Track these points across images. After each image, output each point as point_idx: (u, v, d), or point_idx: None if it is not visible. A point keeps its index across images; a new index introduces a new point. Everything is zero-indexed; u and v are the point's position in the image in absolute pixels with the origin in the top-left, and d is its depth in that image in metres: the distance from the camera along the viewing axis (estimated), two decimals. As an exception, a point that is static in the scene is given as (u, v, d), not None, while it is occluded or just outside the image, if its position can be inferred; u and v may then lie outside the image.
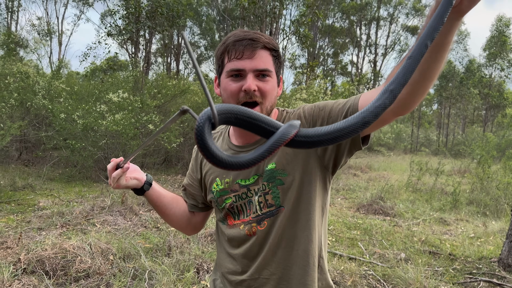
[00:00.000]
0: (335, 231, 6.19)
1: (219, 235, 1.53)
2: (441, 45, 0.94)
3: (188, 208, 1.60)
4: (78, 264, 4.00)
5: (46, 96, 11.17)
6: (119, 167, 1.33)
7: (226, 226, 1.45)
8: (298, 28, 13.30)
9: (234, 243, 1.43)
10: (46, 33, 24.34)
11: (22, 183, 8.08)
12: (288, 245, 1.35)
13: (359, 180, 12.12)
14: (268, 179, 1.33)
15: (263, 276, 1.38)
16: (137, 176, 1.42)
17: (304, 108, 1.36)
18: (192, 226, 1.62)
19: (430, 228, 6.62)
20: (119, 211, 6.13)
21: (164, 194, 1.53)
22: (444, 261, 4.93)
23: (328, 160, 1.32)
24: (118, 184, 1.36)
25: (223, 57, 1.29)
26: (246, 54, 1.24)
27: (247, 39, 1.24)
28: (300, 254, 1.35)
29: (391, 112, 1.10)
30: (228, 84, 1.27)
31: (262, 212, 1.35)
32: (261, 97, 1.26)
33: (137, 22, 12.16)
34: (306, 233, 1.35)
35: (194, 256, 4.37)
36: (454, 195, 8.61)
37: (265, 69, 1.26)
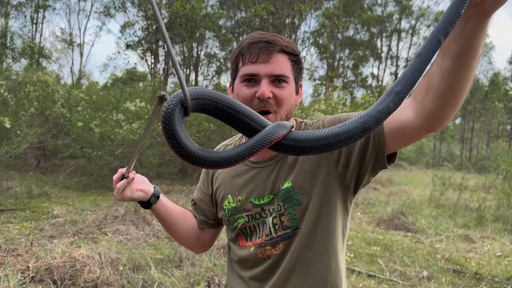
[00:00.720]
0: (354, 246, 5.95)
1: (230, 255, 1.41)
2: (467, 51, 0.80)
3: (198, 224, 1.48)
4: (87, 273, 3.89)
5: (65, 105, 11.30)
6: (124, 177, 1.23)
7: (237, 247, 1.33)
8: (317, 39, 13.20)
9: (246, 265, 1.30)
10: (68, 44, 24.94)
11: (38, 190, 8.10)
12: (302, 271, 1.20)
13: (379, 194, 11.79)
14: (284, 199, 1.20)
15: None
16: (144, 188, 1.30)
17: (324, 120, 1.23)
18: (201, 243, 1.50)
19: (454, 245, 6.30)
20: (131, 220, 6.04)
21: (172, 209, 1.40)
22: (469, 280, 4.64)
23: (350, 179, 1.18)
24: (123, 196, 1.25)
25: (237, 61, 1.19)
26: (261, 57, 1.13)
27: (263, 42, 1.13)
28: (316, 282, 1.20)
29: (422, 128, 0.96)
30: (241, 89, 1.16)
31: (277, 235, 1.22)
32: (276, 105, 1.14)
33: (156, 33, 12.27)
34: (324, 259, 1.20)
35: (205, 269, 4.21)
36: (479, 211, 8.23)
37: (281, 74, 1.14)
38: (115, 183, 1.24)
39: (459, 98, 0.88)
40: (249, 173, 1.28)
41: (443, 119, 0.92)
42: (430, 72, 0.89)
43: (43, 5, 23.19)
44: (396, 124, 1.02)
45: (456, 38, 0.80)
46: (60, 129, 11.73)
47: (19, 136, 8.41)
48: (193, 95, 0.64)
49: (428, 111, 0.91)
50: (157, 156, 9.81)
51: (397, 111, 1.01)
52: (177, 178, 11.52)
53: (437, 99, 0.88)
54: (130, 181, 1.23)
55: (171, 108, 0.60)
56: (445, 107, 0.89)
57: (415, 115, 0.95)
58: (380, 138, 1.06)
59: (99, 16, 25.36)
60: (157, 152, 9.90)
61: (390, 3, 29.29)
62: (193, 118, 11.56)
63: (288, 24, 12.59)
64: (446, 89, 0.86)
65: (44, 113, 11.08)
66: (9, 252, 4.41)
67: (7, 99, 9.17)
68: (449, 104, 0.88)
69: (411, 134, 0.99)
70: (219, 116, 0.69)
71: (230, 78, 1.27)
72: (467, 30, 0.78)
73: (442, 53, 0.85)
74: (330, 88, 14.69)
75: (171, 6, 12.14)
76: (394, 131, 1.03)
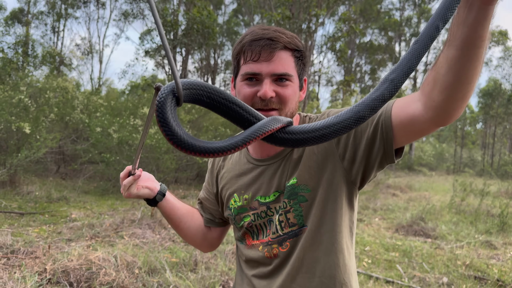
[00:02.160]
0: (372, 252, 5.84)
1: (238, 255, 1.39)
2: (472, 40, 0.77)
3: (204, 222, 1.47)
4: (103, 276, 3.91)
5: (84, 111, 11.50)
6: (131, 174, 1.23)
7: (245, 246, 1.31)
8: (334, 43, 13.14)
9: (253, 265, 1.28)
10: (87, 52, 25.47)
11: (57, 195, 8.23)
12: (309, 270, 1.17)
13: (398, 200, 11.60)
14: (290, 196, 1.18)
15: None
16: (150, 186, 1.30)
17: (329, 115, 1.19)
18: (208, 242, 1.48)
19: (475, 251, 6.13)
20: (148, 224, 6.07)
21: (178, 206, 1.40)
22: (491, 287, 4.50)
23: (356, 174, 1.14)
24: (129, 193, 1.25)
25: (238, 58, 1.15)
26: (263, 56, 1.09)
27: (265, 39, 1.09)
28: (324, 281, 1.16)
29: (431, 121, 0.93)
30: (242, 87, 1.14)
31: (283, 232, 1.19)
32: (280, 103, 1.12)
33: (174, 39, 12.41)
34: (332, 258, 1.16)
35: (220, 272, 4.19)
36: (501, 217, 8.00)
37: (284, 73, 1.10)
38: (121, 179, 1.24)
39: (467, 89, 0.84)
40: (255, 171, 1.26)
41: (452, 111, 0.89)
42: (437, 63, 0.86)
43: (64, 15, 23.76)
44: (404, 117, 0.98)
45: (460, 26, 0.77)
46: (79, 135, 11.94)
47: (39, 141, 8.58)
48: (185, 85, 0.65)
49: (437, 104, 0.88)
50: (174, 161, 9.86)
51: (406, 104, 0.98)
52: (194, 183, 11.56)
53: (445, 91, 0.85)
54: (137, 178, 1.23)
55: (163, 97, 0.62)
56: (454, 99, 0.86)
57: (423, 108, 0.92)
58: (389, 132, 1.03)
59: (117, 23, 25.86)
60: (174, 157, 9.96)
61: (408, 7, 29.01)
62: (209, 123, 11.61)
63: (304, 29, 12.56)
64: (453, 80, 0.83)
65: (64, 119, 11.30)
66: (27, 254, 4.48)
67: (28, 105, 9.38)
68: (457, 95, 0.85)
69: (420, 127, 0.96)
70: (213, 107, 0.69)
71: (232, 74, 1.25)
72: (470, 18, 0.74)
73: (448, 42, 0.82)
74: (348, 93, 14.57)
75: (188, 13, 12.27)
76: (403, 124, 1.00)
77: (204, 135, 10.54)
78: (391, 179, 16.05)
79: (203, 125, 11.66)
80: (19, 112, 9.13)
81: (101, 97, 13.97)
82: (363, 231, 7.21)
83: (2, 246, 4.63)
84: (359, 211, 9.11)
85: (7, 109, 8.68)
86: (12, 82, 11.00)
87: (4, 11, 19.85)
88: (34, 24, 22.67)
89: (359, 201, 10.17)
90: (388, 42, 28.22)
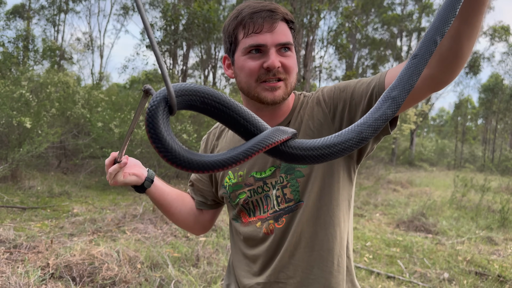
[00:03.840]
0: (373, 247, 5.85)
1: (233, 235, 1.38)
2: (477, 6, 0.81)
3: (196, 205, 1.46)
4: (105, 271, 3.93)
5: (85, 106, 11.49)
6: (117, 161, 1.20)
7: (240, 224, 1.30)
8: (336, 38, 13.10)
9: (251, 243, 1.28)
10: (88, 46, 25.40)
11: (59, 190, 8.24)
12: (308, 245, 1.18)
13: (399, 196, 11.61)
14: (286, 171, 1.18)
15: (279, 280, 1.21)
16: (137, 172, 1.27)
17: (323, 91, 1.21)
18: (200, 225, 1.47)
19: (476, 247, 6.14)
20: (150, 219, 6.09)
21: (167, 192, 1.38)
22: (492, 283, 4.51)
23: None
24: (115, 181, 1.22)
25: (236, 33, 1.13)
26: (266, 27, 1.09)
27: (266, 11, 1.09)
28: (323, 254, 1.18)
29: (427, 89, 0.96)
30: (246, 62, 1.12)
31: (280, 208, 1.20)
32: (285, 73, 1.12)
33: (175, 33, 12.36)
34: (330, 231, 1.18)
35: (222, 267, 4.20)
36: (502, 213, 8.01)
37: (287, 42, 1.11)
38: (107, 167, 1.22)
39: (466, 58, 0.89)
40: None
41: (448, 79, 0.94)
42: None
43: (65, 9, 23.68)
44: None
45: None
46: (81, 130, 11.94)
47: (40, 135, 8.58)
48: (178, 91, 0.59)
49: (433, 73, 0.92)
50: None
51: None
52: (195, 178, 11.56)
53: (444, 62, 0.89)
54: (123, 165, 1.20)
55: (154, 107, 0.55)
56: (452, 69, 0.91)
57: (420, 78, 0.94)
58: None
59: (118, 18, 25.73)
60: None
61: (410, 2, 28.86)
62: (210, 119, 11.57)
63: (305, 24, 12.52)
64: (455, 51, 0.87)
65: (65, 114, 11.30)
66: (30, 249, 4.50)
67: (29, 100, 9.37)
68: (456, 65, 0.90)
69: (415, 96, 0.99)
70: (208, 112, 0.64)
71: (225, 52, 1.22)
72: None
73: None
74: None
75: (189, 7, 12.23)
76: None
77: (205, 130, 10.54)
78: (392, 174, 16.05)
79: (204, 120, 11.65)
80: (20, 107, 9.13)
81: (102, 91, 13.94)
82: (364, 227, 7.23)
83: (4, 240, 4.65)
84: (359, 206, 9.12)
85: (8, 104, 8.68)
86: (13, 76, 10.98)
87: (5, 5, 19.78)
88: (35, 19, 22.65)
89: (360, 196, 10.18)
90: (390, 38, 28.11)
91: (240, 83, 1.18)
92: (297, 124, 1.20)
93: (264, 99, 1.13)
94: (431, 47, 0.68)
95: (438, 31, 0.68)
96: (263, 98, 1.13)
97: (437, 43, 0.68)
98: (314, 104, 1.21)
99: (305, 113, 1.21)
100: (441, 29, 0.68)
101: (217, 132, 1.41)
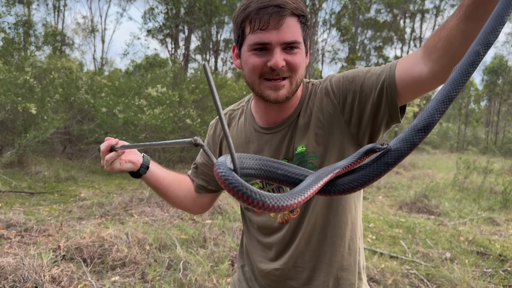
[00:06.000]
0: (376, 228, 5.94)
1: (246, 222, 1.43)
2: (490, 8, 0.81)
3: (195, 188, 1.48)
4: (115, 252, 4.03)
5: (88, 91, 11.52)
6: (113, 149, 1.22)
7: (253, 214, 1.34)
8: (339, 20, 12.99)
9: (266, 231, 1.33)
10: (89, 31, 25.26)
11: (65, 175, 8.35)
12: (321, 231, 1.24)
13: (401, 178, 11.68)
14: (299, 164, 1.20)
15: (297, 265, 1.28)
16: (132, 159, 1.29)
17: (331, 81, 1.21)
18: (198, 206, 1.50)
19: (478, 228, 6.23)
20: (156, 202, 6.18)
21: (163, 176, 1.40)
22: (493, 262, 4.60)
23: (363, 138, 1.17)
24: (112, 168, 1.24)
25: (243, 26, 1.12)
26: (272, 24, 1.06)
27: (273, 6, 1.06)
28: (335, 240, 1.25)
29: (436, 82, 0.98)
30: (250, 58, 1.12)
31: None
32: (290, 71, 1.11)
33: (176, 17, 12.29)
34: (342, 218, 1.24)
35: (228, 248, 4.30)
36: (504, 194, 8.08)
37: (293, 41, 1.09)
38: (103, 154, 1.23)
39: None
40: (262, 139, 1.28)
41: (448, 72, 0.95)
42: (450, 34, 0.89)
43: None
44: (410, 80, 1.02)
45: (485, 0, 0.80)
46: (85, 115, 11.99)
47: (46, 121, 8.65)
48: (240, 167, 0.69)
49: (445, 69, 0.93)
50: (179, 141, 9.92)
51: (410, 67, 1.02)
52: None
53: (454, 59, 0.89)
54: (120, 154, 1.22)
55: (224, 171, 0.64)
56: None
57: (429, 71, 0.96)
58: (393, 96, 1.06)
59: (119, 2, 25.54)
60: (179, 137, 10.02)
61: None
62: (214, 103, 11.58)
63: (308, 6, 12.40)
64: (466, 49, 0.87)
65: (69, 100, 11.33)
66: (40, 232, 4.60)
67: (33, 86, 9.40)
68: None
69: (425, 88, 1.01)
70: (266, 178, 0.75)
71: (234, 42, 1.21)
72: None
73: (466, 17, 0.85)
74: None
75: (191, -9, 12.13)
76: (408, 87, 1.03)
77: (209, 115, 10.58)
78: (395, 157, 16.06)
79: (208, 105, 11.68)
80: (25, 93, 9.17)
81: (105, 77, 13.93)
82: (367, 209, 7.31)
83: (15, 224, 4.75)
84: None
85: (13, 90, 8.72)
86: (16, 63, 10.99)
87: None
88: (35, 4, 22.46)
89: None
90: (393, 19, 27.79)
91: (245, 77, 1.19)
92: (307, 117, 1.21)
93: (266, 97, 1.14)
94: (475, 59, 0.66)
95: (482, 42, 0.66)
96: (266, 96, 1.14)
97: (480, 55, 0.65)
98: (323, 95, 1.21)
99: (314, 104, 1.21)
100: (487, 41, 0.66)
101: (226, 119, 1.41)
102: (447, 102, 0.65)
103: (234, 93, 12.48)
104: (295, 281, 1.29)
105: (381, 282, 3.91)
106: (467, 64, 0.65)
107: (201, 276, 3.59)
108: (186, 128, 10.24)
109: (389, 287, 3.84)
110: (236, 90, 12.60)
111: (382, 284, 3.88)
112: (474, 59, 0.65)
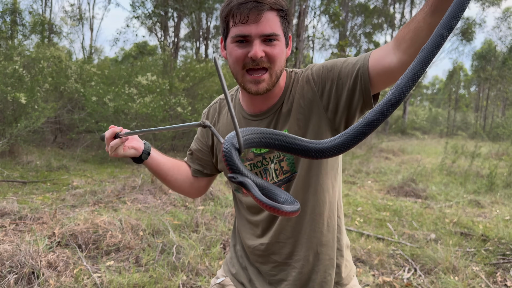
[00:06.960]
0: (364, 212, 6.10)
1: (237, 203, 1.55)
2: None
3: (192, 173, 1.60)
4: (109, 238, 4.12)
5: (78, 80, 11.47)
6: (118, 136, 1.31)
7: (242, 195, 1.46)
8: (328, 6, 13.00)
9: (253, 210, 1.45)
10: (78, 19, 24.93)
11: (57, 164, 8.37)
12: (302, 209, 1.35)
13: (390, 164, 11.87)
14: None
15: (280, 240, 1.40)
16: (135, 145, 1.40)
17: (312, 70, 1.32)
18: (195, 190, 1.62)
19: (463, 210, 6.42)
20: (149, 190, 6.26)
21: (163, 162, 1.52)
22: (475, 242, 4.78)
23: (339, 123, 1.29)
24: (116, 153, 1.35)
25: (227, 20, 1.23)
26: (251, 18, 1.17)
27: (252, 1, 1.16)
28: (314, 217, 1.36)
29: (402, 69, 1.06)
30: (233, 49, 1.23)
31: (278, 179, 1.36)
32: (269, 62, 1.22)
33: (165, 4, 12.21)
34: (320, 196, 1.35)
35: (220, 232, 4.41)
36: (490, 177, 8.29)
37: (272, 33, 1.19)
38: (107, 140, 1.33)
39: None
40: (250, 125, 1.39)
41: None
42: (418, 26, 0.98)
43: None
44: (381, 69, 1.13)
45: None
46: (75, 104, 11.95)
47: (37, 110, 8.63)
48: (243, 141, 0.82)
49: (412, 59, 1.01)
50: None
51: (381, 58, 1.12)
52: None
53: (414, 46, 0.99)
54: (124, 141, 1.33)
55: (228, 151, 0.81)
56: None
57: (398, 61, 1.06)
58: (367, 84, 1.17)
59: (108, -11, 25.11)
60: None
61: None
62: (204, 91, 11.61)
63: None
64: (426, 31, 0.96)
65: (59, 89, 11.27)
66: (34, 220, 4.67)
67: (22, 75, 9.35)
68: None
69: (394, 76, 1.10)
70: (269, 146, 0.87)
71: (222, 35, 1.32)
72: None
73: (432, 11, 0.93)
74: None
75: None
76: (379, 76, 1.14)
77: (200, 103, 10.62)
78: (384, 143, 16.30)
79: (198, 93, 11.70)
80: (14, 82, 9.12)
81: (94, 65, 13.85)
82: (356, 193, 7.47)
83: (9, 212, 4.81)
84: (352, 174, 9.35)
85: (2, 80, 8.68)
86: (4, 52, 10.88)
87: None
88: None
89: (352, 165, 10.41)
90: (383, 5, 27.81)
91: (230, 67, 1.29)
92: (290, 104, 1.32)
93: (248, 90, 1.25)
94: (439, 41, 0.73)
95: (445, 26, 0.72)
96: (248, 89, 1.25)
97: (444, 37, 0.73)
98: (304, 83, 1.31)
99: (296, 91, 1.32)
100: (449, 24, 0.72)
101: (217, 107, 1.53)
102: (415, 79, 0.73)
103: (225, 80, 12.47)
104: (278, 256, 1.41)
105: (367, 262, 4.06)
106: (433, 46, 0.73)
107: (193, 259, 3.71)
108: (177, 117, 10.27)
109: (375, 267, 4.00)
110: (226, 77, 12.61)
111: (368, 264, 4.03)
112: (439, 41, 0.73)
